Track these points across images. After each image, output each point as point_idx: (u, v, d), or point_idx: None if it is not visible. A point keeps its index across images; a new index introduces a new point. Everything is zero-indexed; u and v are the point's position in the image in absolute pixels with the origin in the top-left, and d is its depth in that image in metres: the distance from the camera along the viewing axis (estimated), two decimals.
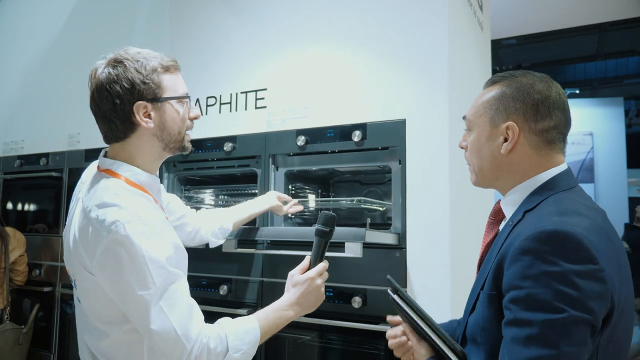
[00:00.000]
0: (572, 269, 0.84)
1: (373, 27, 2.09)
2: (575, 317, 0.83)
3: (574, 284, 0.84)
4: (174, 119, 1.23)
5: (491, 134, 1.07)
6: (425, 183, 1.90)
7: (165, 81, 1.21)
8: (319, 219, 1.35)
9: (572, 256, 0.85)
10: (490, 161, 1.08)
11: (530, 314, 0.86)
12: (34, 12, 3.40)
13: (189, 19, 2.60)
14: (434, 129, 1.90)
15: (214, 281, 2.24)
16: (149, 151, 1.23)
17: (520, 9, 4.09)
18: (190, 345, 1.09)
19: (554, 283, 0.84)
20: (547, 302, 0.84)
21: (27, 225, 3.18)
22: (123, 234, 1.05)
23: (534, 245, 0.88)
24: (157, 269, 1.07)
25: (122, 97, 1.15)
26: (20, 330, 2.75)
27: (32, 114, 3.20)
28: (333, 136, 2.11)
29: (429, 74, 1.95)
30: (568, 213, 0.93)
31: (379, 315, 1.89)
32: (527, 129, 1.04)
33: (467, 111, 1.15)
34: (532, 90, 1.04)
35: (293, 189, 2.34)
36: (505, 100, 1.06)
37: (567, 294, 0.84)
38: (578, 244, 0.86)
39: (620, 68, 7.64)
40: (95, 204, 1.11)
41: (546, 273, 0.85)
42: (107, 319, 1.14)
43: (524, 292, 0.87)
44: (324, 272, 1.36)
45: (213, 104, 2.45)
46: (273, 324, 1.26)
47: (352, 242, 1.69)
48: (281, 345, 2.17)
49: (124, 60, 1.18)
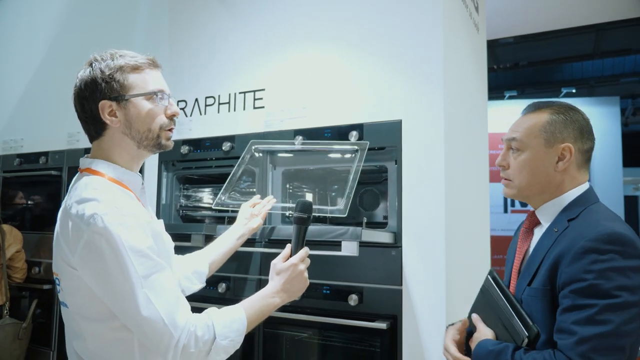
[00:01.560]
0: (628, 264, 1.06)
1: (370, 29, 2.11)
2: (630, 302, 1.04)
3: (629, 276, 1.05)
4: (141, 116, 1.22)
5: (546, 154, 1.25)
6: (420, 182, 1.93)
7: (131, 79, 1.21)
8: (296, 206, 1.40)
9: (628, 253, 1.07)
10: (544, 177, 1.26)
11: (591, 300, 1.05)
12: (33, 11, 3.41)
13: (188, 20, 2.62)
14: (430, 130, 1.93)
15: (212, 279, 2.25)
16: (123, 149, 1.24)
17: (518, 9, 4.10)
18: (178, 334, 1.09)
19: (614, 275, 1.05)
20: (608, 290, 1.04)
21: (26, 223, 3.20)
22: (101, 226, 1.06)
23: (596, 245, 1.08)
24: (139, 257, 1.08)
25: (87, 97, 1.19)
26: (20, 325, 2.78)
27: (31, 113, 3.22)
28: (330, 136, 2.14)
29: (424, 75, 1.97)
30: (612, 219, 1.16)
31: (376, 313, 1.92)
32: (576, 149, 1.24)
33: (514, 133, 1.30)
34: (578, 117, 1.27)
35: (290, 188, 2.37)
36: (559, 125, 1.25)
37: (624, 284, 1.05)
38: (631, 243, 1.08)
39: (617, 67, 7.66)
40: (75, 201, 1.13)
41: (609, 268, 1.06)
42: (94, 316, 1.14)
43: (586, 283, 1.06)
44: (305, 258, 1.38)
45: (212, 103, 2.47)
46: (259, 312, 1.28)
47: (349, 241, 1.72)
48: (278, 343, 2.20)
49: (94, 61, 1.21)
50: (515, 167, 1.29)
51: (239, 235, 1.79)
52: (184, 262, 1.62)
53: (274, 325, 2.18)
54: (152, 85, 1.24)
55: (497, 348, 1.17)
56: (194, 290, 1.60)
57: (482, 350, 1.20)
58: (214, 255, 1.72)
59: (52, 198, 3.03)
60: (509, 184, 1.32)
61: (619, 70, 7.73)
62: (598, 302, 1.05)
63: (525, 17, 4.32)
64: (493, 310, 1.27)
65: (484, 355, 1.19)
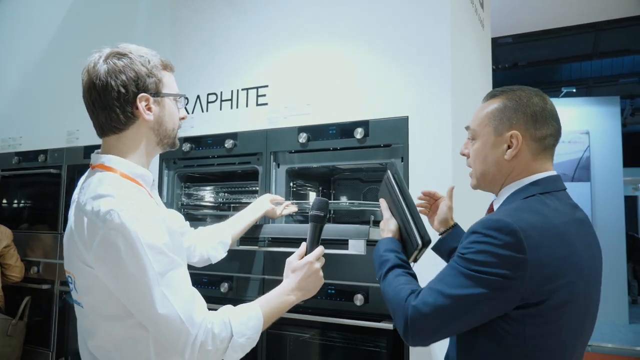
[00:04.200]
0: (499, 252, 1.02)
1: (375, 23, 2.09)
2: (487, 282, 1.02)
3: (494, 263, 1.02)
4: (171, 114, 1.27)
5: (495, 142, 1.20)
6: (427, 180, 1.90)
7: (165, 78, 1.25)
8: (313, 204, 1.38)
9: (505, 243, 1.02)
10: (494, 166, 1.21)
11: (454, 265, 1.08)
12: (33, 9, 3.37)
13: (189, 15, 2.59)
14: (437, 126, 1.90)
15: (215, 279, 2.24)
16: (144, 145, 1.24)
17: (517, 7, 4.10)
18: (195, 331, 1.09)
19: (484, 256, 1.03)
20: (470, 260, 1.05)
21: (25, 222, 3.16)
22: (118, 222, 1.04)
23: (479, 228, 1.07)
24: (156, 254, 1.07)
25: (127, 87, 1.17)
26: (9, 321, 2.73)
27: (30, 111, 3.18)
28: (335, 133, 2.11)
29: (431, 70, 1.95)
30: (524, 210, 1.09)
31: (381, 313, 1.89)
32: (528, 136, 1.17)
33: (471, 122, 1.28)
34: (531, 102, 1.18)
35: (294, 187, 2.34)
36: (508, 112, 1.19)
37: (488, 264, 1.02)
38: (513, 234, 1.02)
39: (616, 67, 7.67)
40: (90, 197, 1.11)
41: (482, 250, 1.04)
42: (110, 314, 1.13)
43: (457, 253, 1.09)
44: (321, 257, 1.37)
45: (214, 100, 2.44)
46: (275, 310, 1.28)
47: (356, 240, 1.69)
48: (283, 343, 2.16)
49: (127, 53, 1.20)
50: (472, 156, 1.27)
51: (261, 213, 1.95)
52: (209, 233, 1.76)
53: (277, 325, 2.13)
54: (176, 88, 1.29)
55: (385, 257, 1.31)
56: (219, 258, 1.76)
57: (377, 250, 1.35)
58: (236, 228, 1.86)
59: (51, 197, 2.99)
60: (471, 174, 1.30)
61: (617, 71, 7.73)
62: (455, 266, 1.07)
63: (524, 16, 4.32)
64: (395, 204, 1.37)
65: (376, 257, 1.35)
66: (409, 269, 1.29)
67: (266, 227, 1.99)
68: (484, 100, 1.28)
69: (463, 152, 1.31)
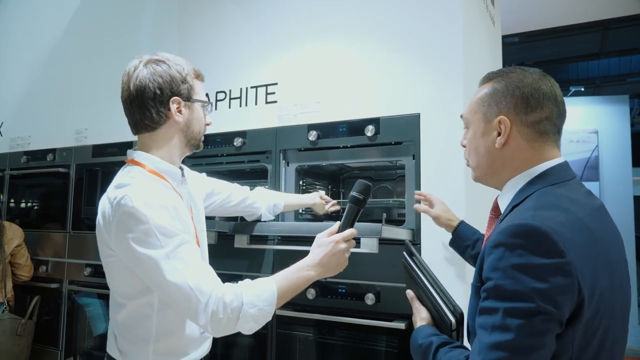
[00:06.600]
0: (539, 262, 0.86)
1: (386, 20, 2.07)
2: (540, 309, 0.84)
3: (541, 276, 0.85)
4: (199, 119, 1.41)
5: (485, 130, 1.09)
6: (439, 178, 1.88)
7: (196, 86, 1.39)
8: (355, 186, 1.34)
9: (540, 249, 0.86)
10: (486, 156, 1.10)
11: (496, 302, 0.88)
12: (40, 8, 3.37)
13: (197, 12, 2.58)
14: (449, 124, 1.88)
15: (224, 278, 2.21)
16: (173, 144, 1.38)
17: (523, 4, 4.07)
18: (205, 299, 1.15)
19: (521, 275, 0.86)
20: (512, 292, 0.86)
21: (33, 222, 3.16)
22: (130, 205, 1.17)
23: (504, 238, 0.90)
24: (165, 236, 1.18)
25: (163, 89, 1.31)
26: (18, 320, 2.73)
27: (38, 110, 3.18)
28: (345, 131, 2.09)
29: (443, 67, 1.93)
30: (545, 207, 0.94)
31: (393, 313, 1.87)
32: (518, 121, 1.05)
33: (464, 111, 1.17)
34: (522, 83, 1.06)
35: (303, 185, 2.32)
36: (496, 96, 1.08)
37: (533, 286, 0.85)
38: (545, 237, 0.87)
39: (623, 66, 7.61)
40: (114, 186, 1.27)
41: (513, 266, 0.87)
42: (125, 292, 1.28)
43: (492, 283, 0.90)
44: (350, 239, 1.35)
45: (222, 98, 2.43)
46: (293, 284, 1.28)
47: (368, 238, 1.67)
48: (292, 343, 2.15)
49: (165, 60, 1.34)
50: (467, 147, 1.17)
51: (312, 202, 2.09)
52: (267, 194, 1.96)
53: (287, 325, 2.13)
54: (205, 96, 1.45)
55: (425, 343, 1.11)
56: (269, 218, 1.95)
57: (414, 342, 1.15)
58: (291, 200, 2.05)
59: (59, 196, 2.98)
60: (468, 165, 1.19)
61: (625, 70, 7.67)
62: (500, 306, 0.87)
63: (531, 13, 4.29)
64: (420, 289, 1.24)
65: (415, 348, 1.15)
66: (454, 343, 1.09)
67: (276, 225, 1.97)
68: (479, 84, 1.17)
69: (462, 143, 1.20)
